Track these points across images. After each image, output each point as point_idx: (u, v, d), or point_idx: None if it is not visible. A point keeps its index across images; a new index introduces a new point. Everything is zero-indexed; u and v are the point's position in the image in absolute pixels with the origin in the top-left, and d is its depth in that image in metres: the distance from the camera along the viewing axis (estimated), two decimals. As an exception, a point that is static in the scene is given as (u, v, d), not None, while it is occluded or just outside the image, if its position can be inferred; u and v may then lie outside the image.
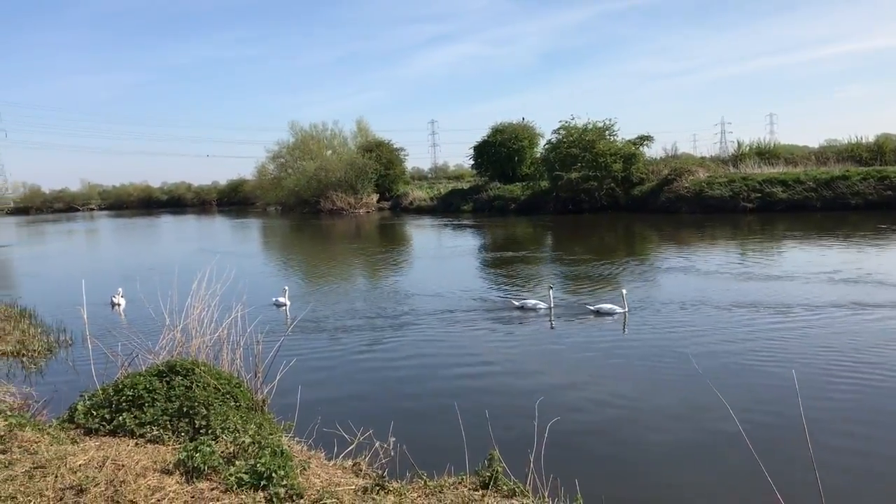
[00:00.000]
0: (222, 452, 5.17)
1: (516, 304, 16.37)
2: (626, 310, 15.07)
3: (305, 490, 4.83)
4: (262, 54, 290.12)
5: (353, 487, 5.10)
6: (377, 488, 5.03)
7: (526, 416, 7.23)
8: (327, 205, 72.25)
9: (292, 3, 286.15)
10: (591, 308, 15.52)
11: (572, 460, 7.49)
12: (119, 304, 18.22)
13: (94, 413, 6.42)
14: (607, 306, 15.31)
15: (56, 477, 4.82)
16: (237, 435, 5.50)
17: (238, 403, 6.82)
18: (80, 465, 5.02)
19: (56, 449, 5.39)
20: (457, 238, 39.30)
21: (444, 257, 29.84)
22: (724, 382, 9.98)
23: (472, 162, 73.27)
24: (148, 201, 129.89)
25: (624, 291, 15.43)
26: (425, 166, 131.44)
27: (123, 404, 6.44)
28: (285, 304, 17.53)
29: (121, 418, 6.21)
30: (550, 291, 16.11)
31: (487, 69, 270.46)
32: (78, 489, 4.63)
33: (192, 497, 4.57)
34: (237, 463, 4.95)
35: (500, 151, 66.53)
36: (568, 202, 51.78)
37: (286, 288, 18.18)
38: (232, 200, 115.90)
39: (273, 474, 4.74)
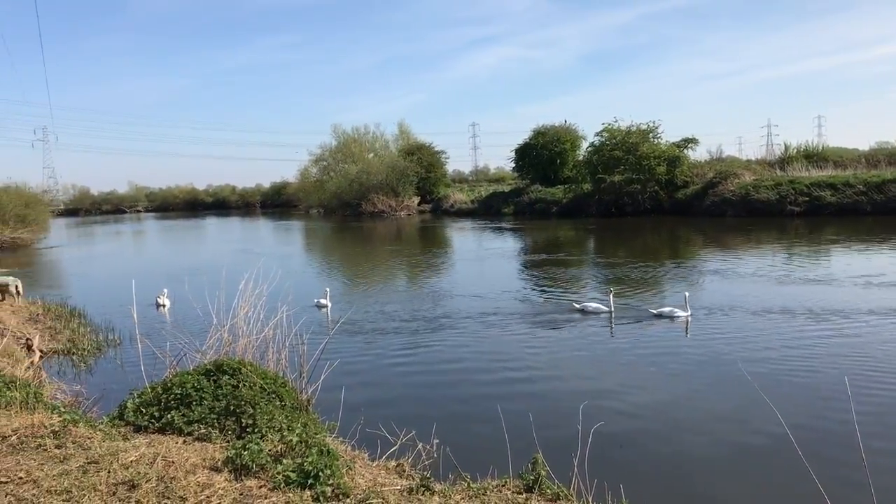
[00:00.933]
0: (270, 451, 5.23)
1: (577, 306, 16.19)
2: (689, 313, 14.83)
3: (351, 490, 4.86)
4: (307, 58, 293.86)
5: (399, 488, 5.11)
6: (422, 489, 5.04)
7: (570, 419, 7.19)
8: (369, 207, 72.69)
9: (337, 8, 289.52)
10: (653, 311, 15.35)
11: (617, 465, 7.42)
12: (164, 305, 18.54)
13: (144, 411, 6.54)
14: (667, 309, 15.11)
15: (109, 472, 4.92)
16: (284, 434, 5.56)
17: (283, 403, 6.89)
18: (131, 462, 5.12)
19: (108, 445, 5.50)
20: (498, 241, 39.21)
21: (485, 260, 29.79)
22: (773, 388, 9.79)
23: (513, 164, 73.24)
24: (193, 203, 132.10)
25: (686, 294, 15.19)
26: (466, 169, 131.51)
27: (172, 402, 6.55)
28: (327, 306, 17.66)
29: (169, 416, 6.31)
30: (611, 295, 15.87)
31: (529, 71, 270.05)
32: (130, 485, 4.72)
33: (241, 494, 4.63)
34: (284, 461, 5.00)
35: (542, 154, 66.34)
36: (611, 205, 51.35)
37: (328, 289, 18.32)
38: (275, 203, 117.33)
39: (320, 473, 4.78)
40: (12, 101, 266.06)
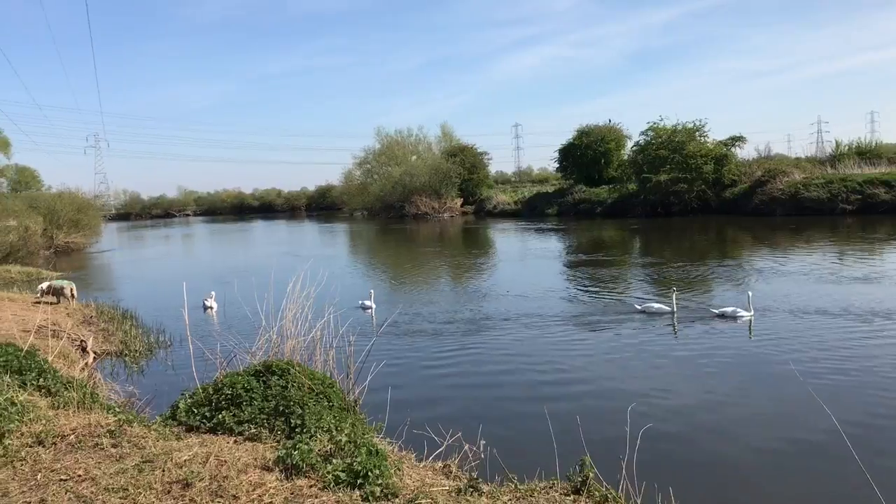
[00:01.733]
0: (319, 451, 5.28)
1: (638, 307, 16.02)
2: (752, 313, 14.56)
3: (400, 490, 4.88)
4: (350, 62, 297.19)
5: (447, 488, 5.12)
6: (470, 490, 5.04)
7: (618, 421, 7.12)
8: (412, 209, 73.02)
9: (380, 12, 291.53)
10: (715, 312, 15.13)
11: (667, 467, 7.32)
12: (211, 307, 18.84)
13: (195, 411, 6.65)
14: (730, 309, 14.85)
15: (163, 471, 5.03)
16: (333, 434, 5.61)
17: (331, 403, 6.95)
18: (184, 461, 5.22)
19: (162, 444, 5.62)
20: (542, 242, 39.02)
21: (530, 260, 29.68)
22: (827, 389, 9.58)
23: (556, 165, 72.88)
24: (240, 207, 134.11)
25: (750, 294, 14.90)
26: (509, 170, 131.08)
27: (223, 403, 6.65)
28: (371, 307, 17.76)
29: (220, 416, 6.41)
30: (673, 295, 15.63)
31: (572, 71, 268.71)
32: (184, 483, 4.81)
33: (292, 493, 4.69)
34: (334, 461, 5.05)
35: (586, 154, 65.93)
36: (657, 205, 50.80)
37: (372, 291, 18.43)
38: (320, 206, 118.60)
39: (369, 473, 4.81)
40: (66, 108, 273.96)
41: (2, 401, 5.89)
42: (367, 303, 17.90)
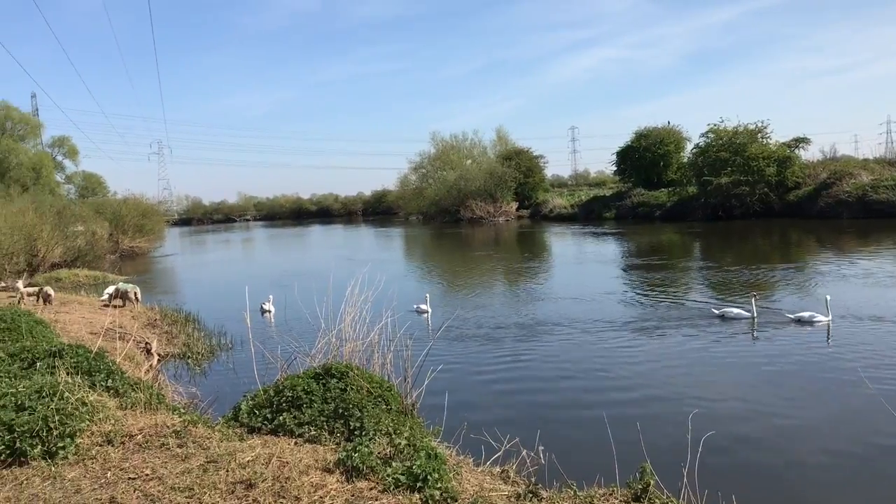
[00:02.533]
0: (379, 453, 5.32)
1: (716, 312, 15.70)
2: (830, 318, 14.17)
3: (459, 494, 4.88)
4: (406, 67, 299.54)
5: (506, 493, 5.10)
6: (530, 495, 5.01)
7: (680, 427, 7.00)
8: (467, 213, 73.09)
9: (435, 17, 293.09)
10: (790, 316, 14.78)
11: (729, 475, 7.18)
12: (269, 311, 19.13)
13: (257, 412, 6.76)
14: (807, 314, 14.50)
15: (227, 471, 5.13)
16: (393, 437, 5.65)
17: (389, 407, 6.99)
18: (248, 461, 5.31)
19: (226, 445, 5.73)
20: (601, 245, 38.63)
21: (588, 265, 29.42)
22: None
23: (614, 168, 72.21)
24: (298, 212, 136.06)
25: (828, 297, 14.46)
26: (565, 173, 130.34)
27: (283, 405, 6.75)
28: (427, 311, 17.81)
29: (281, 418, 6.50)
30: (753, 300, 15.27)
31: (629, 73, 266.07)
32: (247, 484, 4.90)
33: (353, 495, 4.73)
34: (393, 464, 5.08)
35: (645, 156, 65.15)
36: (717, 208, 49.87)
37: (427, 295, 18.47)
38: (376, 210, 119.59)
39: (428, 477, 4.82)
40: (131, 116, 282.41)
41: (73, 401, 6.07)
42: (423, 307, 17.95)
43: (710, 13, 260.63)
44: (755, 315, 14.97)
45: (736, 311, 15.37)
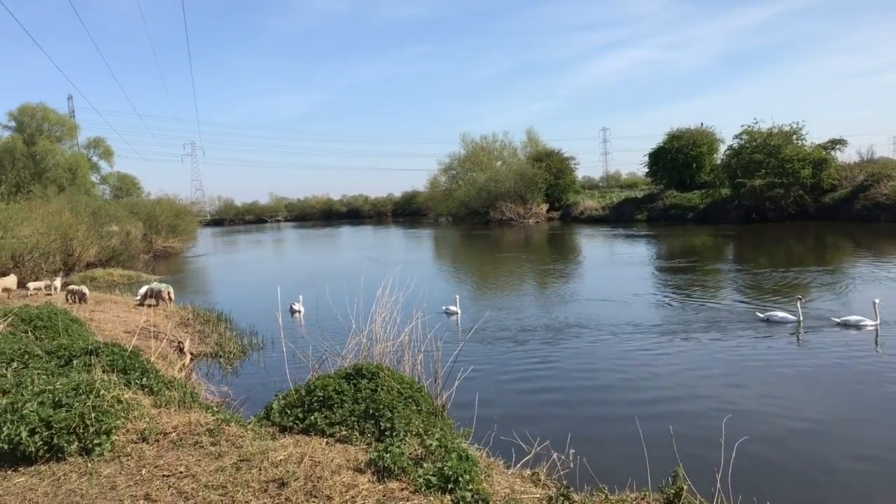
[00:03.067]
0: (410, 454, 5.32)
1: (761, 316, 15.42)
2: (878, 322, 13.87)
3: (490, 496, 4.87)
4: (436, 69, 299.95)
5: (537, 496, 5.08)
6: (561, 498, 4.98)
7: (713, 432, 6.91)
8: (496, 215, 72.92)
9: (466, 18, 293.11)
10: (836, 320, 14.51)
11: (763, 482, 7.07)
12: (299, 311, 19.25)
13: (288, 412, 6.80)
14: (854, 318, 14.25)
15: (260, 470, 5.17)
16: (424, 438, 5.65)
17: (419, 408, 6.99)
18: (280, 460, 5.35)
19: (258, 444, 5.78)
20: (633, 247, 38.31)
21: (622, 267, 29.19)
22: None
23: (646, 170, 71.59)
24: (329, 213, 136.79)
25: (876, 301, 14.11)
26: (596, 175, 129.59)
27: (315, 404, 6.78)
28: (456, 313, 17.79)
29: (312, 418, 6.53)
30: (799, 303, 14.99)
31: (662, 74, 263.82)
32: (280, 482, 4.94)
33: (384, 496, 4.74)
34: (425, 465, 5.07)
35: (677, 158, 64.54)
36: (751, 211, 49.29)
37: (457, 297, 18.44)
38: (406, 211, 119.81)
39: (459, 478, 4.82)
40: (165, 118, 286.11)
41: (109, 398, 6.16)
42: (452, 308, 17.94)
43: (745, 13, 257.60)
44: (800, 319, 14.71)
45: (781, 314, 15.08)
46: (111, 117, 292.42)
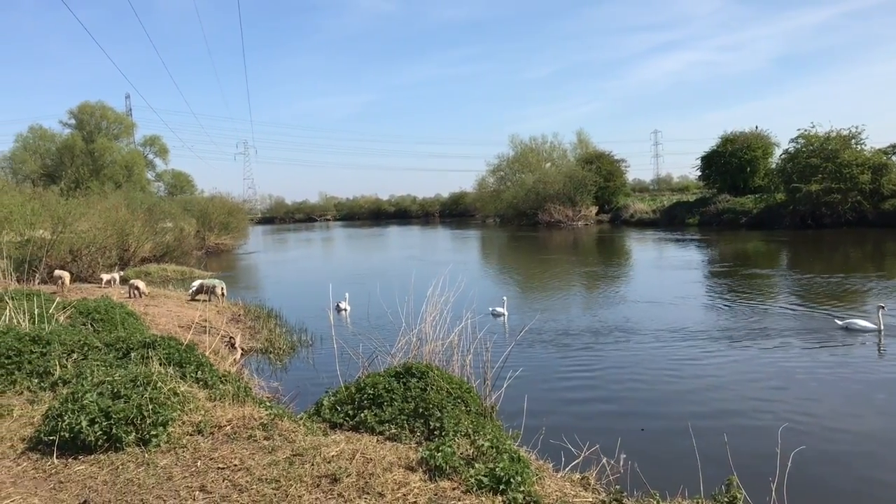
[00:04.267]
0: (461, 454, 5.32)
1: (840, 323, 14.81)
2: None
3: (542, 499, 4.84)
4: (485, 70, 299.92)
5: (590, 500, 5.03)
6: (615, 503, 4.93)
7: (769, 441, 6.76)
8: (545, 217, 72.59)
9: (515, 19, 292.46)
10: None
11: (820, 492, 6.90)
12: (345, 309, 19.40)
13: (338, 409, 6.86)
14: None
15: (312, 465, 5.22)
16: (474, 438, 5.64)
17: (468, 408, 6.98)
18: (332, 456, 5.40)
19: (311, 439, 5.84)
20: (684, 252, 37.70)
21: (674, 271, 28.75)
22: None
23: (698, 173, 70.57)
24: (377, 212, 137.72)
25: None
26: (647, 178, 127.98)
27: (365, 402, 6.83)
28: (504, 314, 17.73)
29: (362, 415, 6.58)
30: (880, 311, 14.32)
31: (715, 76, 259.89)
32: (332, 478, 4.98)
33: (435, 494, 4.75)
34: (476, 465, 5.07)
35: (731, 162, 63.46)
36: (807, 216, 48.15)
37: (505, 298, 18.38)
38: (453, 212, 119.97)
39: (511, 480, 4.80)
40: (218, 117, 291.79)
41: (166, 391, 6.28)
42: (500, 309, 17.88)
43: (802, 15, 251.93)
44: (882, 328, 14.09)
45: (862, 322, 14.39)
46: (167, 116, 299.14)
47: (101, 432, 5.72)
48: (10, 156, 67.51)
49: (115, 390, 6.22)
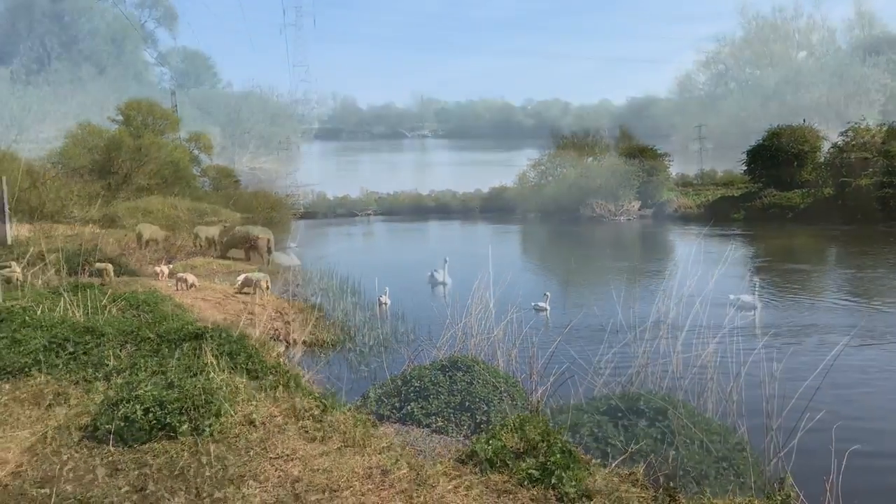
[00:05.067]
0: (511, 447, 5.33)
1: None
2: None
3: (593, 493, 4.82)
4: (526, 64, 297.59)
5: (641, 495, 5.00)
6: (667, 499, 4.89)
7: (822, 440, 6.63)
8: (587, 212, 72.02)
9: (556, 13, 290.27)
10: None
11: (875, 491, 6.75)
12: (385, 304, 19.47)
13: (385, 401, 6.93)
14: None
15: (363, 456, 5.28)
16: (525, 432, 5.64)
17: (514, 402, 6.99)
18: (383, 447, 5.44)
19: (360, 431, 5.89)
20: (729, 248, 36.97)
21: (716, 266, 28.26)
22: None
23: (743, 167, 69.27)
24: (417, 208, 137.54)
25: None
26: (691, 172, 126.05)
27: (411, 395, 6.88)
28: (546, 309, 17.65)
29: (409, 408, 6.64)
30: None
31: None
32: (383, 469, 5.02)
33: (487, 487, 4.76)
34: (527, 459, 5.07)
35: (778, 156, 62.11)
36: (856, 212, 46.98)
37: (547, 294, 18.27)
38: (493, 207, 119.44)
39: (563, 474, 4.79)
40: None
41: (218, 381, 6.39)
42: (542, 304, 17.80)
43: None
44: None
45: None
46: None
47: (155, 421, 5.84)
48: (62, 151, 69.13)
49: (169, 380, 6.35)
